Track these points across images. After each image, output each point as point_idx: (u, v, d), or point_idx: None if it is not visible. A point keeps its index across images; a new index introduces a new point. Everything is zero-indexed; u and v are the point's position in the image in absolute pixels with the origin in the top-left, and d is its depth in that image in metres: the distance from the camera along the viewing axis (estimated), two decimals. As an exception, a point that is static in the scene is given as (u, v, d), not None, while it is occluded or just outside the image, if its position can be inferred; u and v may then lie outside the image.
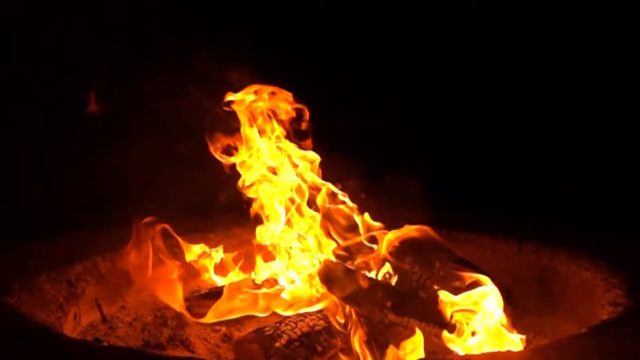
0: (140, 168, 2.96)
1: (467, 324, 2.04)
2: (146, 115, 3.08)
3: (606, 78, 3.61)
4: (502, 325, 2.08)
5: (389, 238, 2.33)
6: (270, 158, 2.71)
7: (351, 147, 2.78)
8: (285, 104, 2.71)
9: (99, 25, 3.08)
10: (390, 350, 2.10)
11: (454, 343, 2.02)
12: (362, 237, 2.43)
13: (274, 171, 2.71)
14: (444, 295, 2.08)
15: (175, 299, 2.51)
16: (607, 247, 2.65)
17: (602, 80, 3.61)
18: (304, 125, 2.72)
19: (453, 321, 2.04)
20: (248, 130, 2.70)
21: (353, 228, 2.51)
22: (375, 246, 2.39)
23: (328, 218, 2.54)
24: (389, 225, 2.44)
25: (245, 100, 2.68)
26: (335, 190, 2.63)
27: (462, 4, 3.79)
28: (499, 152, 3.74)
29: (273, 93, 2.71)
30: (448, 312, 2.05)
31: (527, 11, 3.69)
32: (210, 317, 2.47)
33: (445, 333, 2.02)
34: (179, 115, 2.81)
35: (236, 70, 2.68)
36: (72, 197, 3.07)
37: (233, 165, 2.70)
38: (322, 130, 2.73)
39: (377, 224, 2.48)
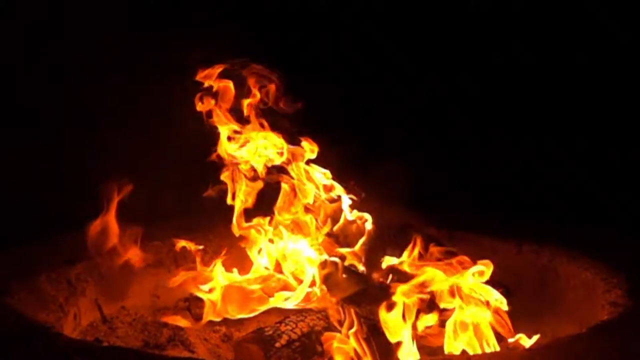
0: (138, 166, 2.94)
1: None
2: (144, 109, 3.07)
3: (605, 78, 3.61)
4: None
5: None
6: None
7: (348, 144, 2.76)
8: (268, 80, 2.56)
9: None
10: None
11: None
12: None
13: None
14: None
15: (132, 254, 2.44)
16: (607, 247, 2.65)
17: (602, 80, 3.61)
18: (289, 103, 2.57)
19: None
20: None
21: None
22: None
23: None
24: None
25: (215, 72, 2.53)
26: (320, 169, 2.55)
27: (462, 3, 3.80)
28: (498, 152, 3.74)
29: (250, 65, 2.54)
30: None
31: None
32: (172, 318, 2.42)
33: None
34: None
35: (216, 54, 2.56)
36: (71, 197, 3.07)
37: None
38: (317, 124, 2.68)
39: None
